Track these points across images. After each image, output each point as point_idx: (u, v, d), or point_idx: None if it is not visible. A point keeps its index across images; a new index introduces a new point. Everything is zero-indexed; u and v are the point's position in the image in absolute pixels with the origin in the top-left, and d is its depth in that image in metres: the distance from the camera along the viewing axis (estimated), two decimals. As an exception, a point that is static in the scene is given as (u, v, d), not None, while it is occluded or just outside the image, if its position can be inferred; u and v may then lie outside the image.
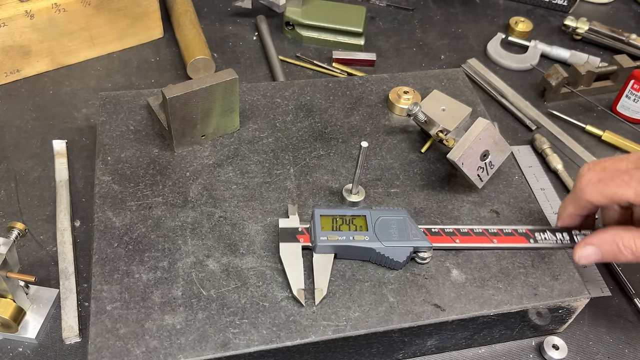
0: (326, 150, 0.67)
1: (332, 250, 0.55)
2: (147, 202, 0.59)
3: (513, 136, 0.83)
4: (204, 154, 0.65)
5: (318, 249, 0.54)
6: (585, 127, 0.84)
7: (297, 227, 0.56)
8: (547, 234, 0.58)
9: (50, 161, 0.71)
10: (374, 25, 1.00)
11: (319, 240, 0.54)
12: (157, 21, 0.89)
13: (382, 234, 0.55)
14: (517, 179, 0.66)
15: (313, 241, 0.55)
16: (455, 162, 0.59)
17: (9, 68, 0.80)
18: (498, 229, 0.59)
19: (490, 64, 0.95)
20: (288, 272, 0.53)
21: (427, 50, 0.96)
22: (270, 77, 0.87)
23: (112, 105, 0.69)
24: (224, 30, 0.95)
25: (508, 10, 1.07)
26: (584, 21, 0.99)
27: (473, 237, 0.57)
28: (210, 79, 0.61)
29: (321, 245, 0.54)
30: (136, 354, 0.48)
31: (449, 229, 0.57)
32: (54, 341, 0.56)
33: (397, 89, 0.73)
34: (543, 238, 0.58)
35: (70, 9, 0.79)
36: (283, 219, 0.57)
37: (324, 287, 0.53)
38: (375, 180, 0.64)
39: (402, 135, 0.70)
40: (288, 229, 0.56)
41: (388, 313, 0.52)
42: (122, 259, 0.54)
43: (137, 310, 0.51)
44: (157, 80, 0.85)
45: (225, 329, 0.50)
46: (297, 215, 0.58)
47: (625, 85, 0.85)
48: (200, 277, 0.53)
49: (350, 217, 0.57)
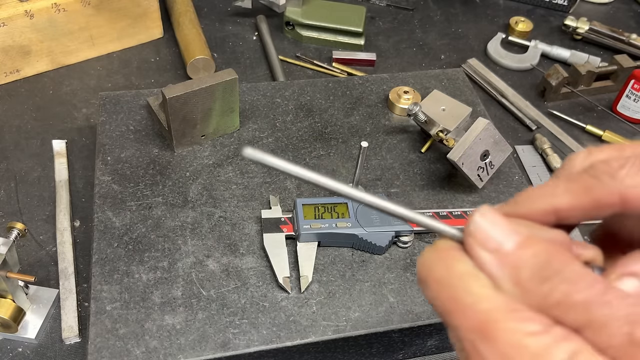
0: (326, 150, 0.67)
1: (316, 238, 0.56)
2: (147, 202, 0.59)
3: (513, 136, 0.83)
4: (204, 154, 0.65)
5: (302, 237, 0.55)
6: (586, 127, 0.84)
7: (280, 217, 0.57)
8: None
9: (50, 161, 0.71)
10: (374, 25, 1.00)
11: (302, 229, 0.55)
12: (157, 21, 0.89)
13: (364, 220, 0.56)
14: (517, 179, 0.66)
15: (296, 230, 0.56)
16: (456, 162, 0.59)
17: (9, 68, 0.80)
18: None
19: (491, 64, 0.94)
20: (273, 261, 0.54)
21: (427, 50, 0.96)
22: (270, 77, 0.87)
23: (112, 105, 0.69)
24: (224, 30, 0.95)
25: (508, 10, 1.07)
26: (584, 21, 0.99)
27: (452, 219, 0.59)
28: (210, 79, 0.61)
29: (304, 233, 0.55)
30: (136, 354, 0.48)
31: (428, 213, 0.59)
32: (54, 341, 0.56)
33: (397, 88, 0.73)
34: None
35: (70, 9, 0.79)
36: (265, 210, 0.58)
37: (309, 274, 0.54)
38: (375, 180, 0.64)
39: (402, 135, 0.70)
40: (271, 219, 0.57)
41: (388, 313, 0.52)
42: (122, 259, 0.54)
43: (137, 311, 0.51)
44: (157, 80, 0.85)
45: (225, 329, 0.50)
46: (279, 205, 0.58)
47: (625, 85, 0.85)
48: (200, 277, 0.53)
49: (332, 204, 0.58)
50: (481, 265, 0.24)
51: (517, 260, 0.23)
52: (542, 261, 0.23)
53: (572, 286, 0.22)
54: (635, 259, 0.26)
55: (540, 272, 0.23)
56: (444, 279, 0.24)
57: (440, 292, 0.24)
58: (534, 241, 0.24)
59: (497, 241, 0.24)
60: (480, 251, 0.24)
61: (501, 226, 0.25)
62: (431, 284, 0.25)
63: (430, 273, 0.25)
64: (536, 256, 0.23)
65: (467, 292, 0.23)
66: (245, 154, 0.24)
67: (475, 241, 0.24)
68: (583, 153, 0.29)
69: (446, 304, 0.24)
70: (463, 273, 0.24)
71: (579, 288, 0.22)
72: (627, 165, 0.25)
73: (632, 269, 0.25)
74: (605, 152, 0.28)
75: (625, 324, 0.20)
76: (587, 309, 0.21)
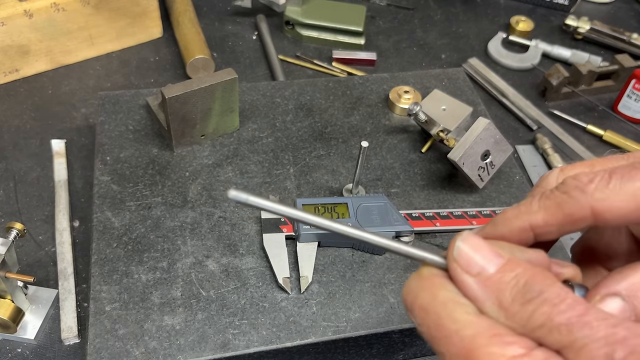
0: (326, 150, 0.66)
1: (316, 239, 0.55)
2: (146, 202, 0.59)
3: (514, 136, 0.82)
4: (203, 154, 0.64)
5: (301, 237, 0.55)
6: (587, 126, 0.83)
7: (280, 217, 0.57)
8: None
9: (49, 161, 0.71)
10: (374, 25, 1.00)
11: (302, 229, 0.55)
12: (157, 20, 0.89)
13: (364, 220, 0.56)
14: (518, 179, 0.66)
15: (296, 230, 0.56)
16: (456, 162, 0.59)
17: (8, 68, 0.80)
18: (477, 211, 0.60)
19: (491, 64, 0.94)
20: (273, 262, 0.54)
21: (427, 50, 0.96)
22: (270, 77, 0.87)
23: (111, 105, 0.69)
24: (223, 30, 0.95)
25: (509, 10, 1.07)
26: (585, 20, 0.99)
27: (453, 219, 0.59)
28: (210, 79, 0.61)
29: (304, 234, 0.55)
30: (135, 354, 0.48)
31: (429, 213, 0.59)
32: (53, 342, 0.56)
33: (397, 88, 0.73)
34: None
35: (69, 9, 0.79)
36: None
37: (309, 274, 0.53)
38: (375, 180, 0.64)
39: (403, 135, 0.69)
40: (271, 220, 0.57)
41: (388, 314, 0.52)
42: (121, 259, 0.54)
43: (136, 311, 0.50)
44: (157, 79, 0.85)
45: (225, 330, 0.50)
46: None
47: (626, 84, 0.85)
48: (199, 278, 0.53)
49: (332, 205, 0.58)
50: (465, 290, 0.25)
51: (499, 283, 0.24)
52: (524, 283, 0.24)
53: (553, 308, 0.22)
54: (617, 279, 0.26)
55: (522, 294, 0.23)
56: (429, 306, 0.25)
57: (425, 319, 0.25)
58: (515, 264, 0.25)
59: (479, 265, 0.25)
60: (464, 276, 0.25)
61: (483, 250, 0.25)
62: (417, 311, 0.25)
63: (415, 300, 0.25)
64: (517, 278, 0.24)
65: (452, 319, 0.24)
66: (231, 196, 0.24)
67: (459, 266, 0.25)
68: (556, 170, 0.30)
69: (432, 330, 0.24)
70: (447, 300, 0.24)
71: (560, 310, 0.22)
72: (596, 180, 0.26)
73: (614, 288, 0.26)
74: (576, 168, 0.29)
75: (605, 345, 0.21)
76: (568, 330, 0.22)
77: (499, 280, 0.24)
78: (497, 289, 0.24)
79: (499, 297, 0.24)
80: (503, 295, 0.24)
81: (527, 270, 0.24)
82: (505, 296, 0.24)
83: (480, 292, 0.24)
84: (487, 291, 0.24)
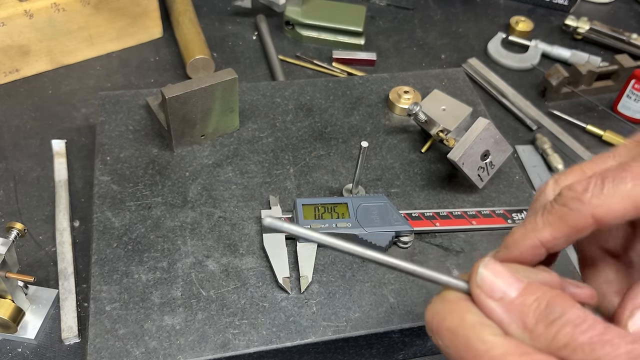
0: (326, 150, 0.67)
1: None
2: (146, 202, 0.59)
3: (514, 136, 0.82)
4: (203, 154, 0.64)
5: (301, 238, 0.55)
6: (586, 126, 0.83)
7: (280, 217, 0.57)
8: (524, 213, 0.58)
9: (50, 161, 0.71)
10: (374, 25, 1.00)
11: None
12: (157, 20, 0.89)
13: (364, 220, 0.56)
14: (517, 179, 0.66)
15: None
16: (456, 162, 0.59)
17: (8, 68, 0.80)
18: (476, 210, 0.60)
19: (491, 64, 0.94)
20: (273, 262, 0.54)
21: (427, 50, 0.96)
22: (270, 77, 0.87)
23: (111, 105, 0.69)
24: (223, 30, 0.95)
25: (508, 10, 1.07)
26: (585, 21, 0.99)
27: (452, 219, 0.59)
28: (210, 79, 0.61)
29: None
30: (135, 354, 0.48)
31: (428, 213, 0.59)
32: (53, 342, 0.56)
33: (397, 88, 0.73)
34: (520, 218, 0.58)
35: (69, 9, 0.79)
36: (265, 210, 0.58)
37: (309, 274, 0.53)
38: (375, 180, 0.64)
39: (403, 135, 0.69)
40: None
41: (388, 314, 0.52)
42: (121, 259, 0.54)
43: (136, 311, 0.50)
44: (157, 79, 0.85)
45: (225, 330, 0.50)
46: (279, 205, 0.58)
47: (626, 85, 0.85)
48: (199, 278, 0.53)
49: (332, 205, 0.57)
50: (489, 314, 0.26)
51: (521, 306, 0.26)
52: (545, 305, 0.25)
53: (575, 328, 0.24)
54: None
55: (545, 316, 0.25)
56: (457, 329, 0.26)
57: (454, 341, 0.26)
58: (534, 287, 0.26)
59: (501, 290, 0.26)
60: (488, 301, 0.26)
61: (503, 275, 0.27)
62: (444, 334, 0.26)
63: (443, 323, 0.27)
64: (539, 301, 0.25)
65: (481, 340, 0.25)
66: (266, 223, 0.26)
67: (483, 292, 0.27)
68: (550, 182, 0.32)
69: (461, 352, 0.26)
70: (475, 323, 0.26)
71: (582, 330, 0.24)
72: (590, 187, 0.28)
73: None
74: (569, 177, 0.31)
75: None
76: (591, 349, 0.23)
77: (521, 303, 0.26)
78: (520, 312, 0.25)
79: (523, 320, 0.25)
80: (527, 318, 0.25)
81: (546, 293, 0.26)
82: (529, 318, 0.25)
83: (504, 315, 0.26)
84: (511, 314, 0.26)
